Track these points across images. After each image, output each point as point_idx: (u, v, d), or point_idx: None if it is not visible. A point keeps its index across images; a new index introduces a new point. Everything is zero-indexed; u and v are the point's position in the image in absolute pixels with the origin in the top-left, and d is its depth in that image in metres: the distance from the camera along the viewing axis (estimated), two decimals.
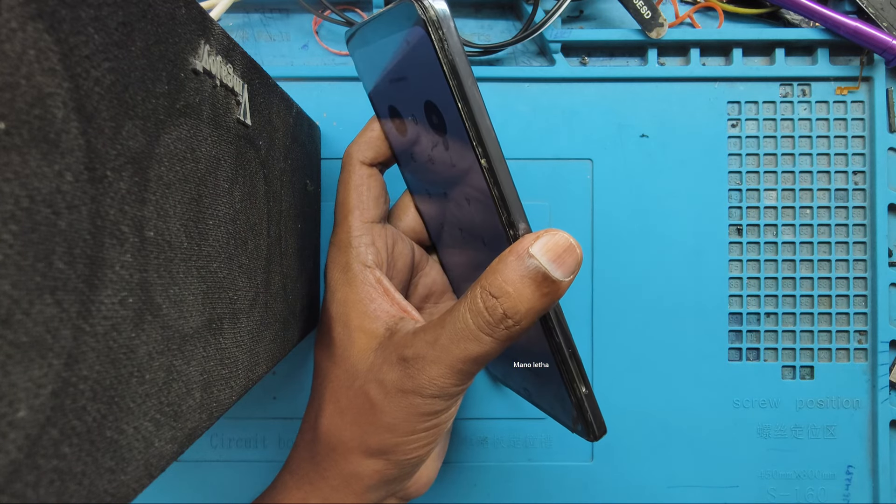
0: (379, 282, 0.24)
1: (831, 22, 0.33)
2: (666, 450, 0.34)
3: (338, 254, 0.25)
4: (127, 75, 0.13)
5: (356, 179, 0.25)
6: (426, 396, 0.21)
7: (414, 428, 0.22)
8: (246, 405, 0.34)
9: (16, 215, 0.10)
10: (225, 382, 0.19)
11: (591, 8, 0.35)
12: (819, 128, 0.34)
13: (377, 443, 0.23)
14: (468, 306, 0.20)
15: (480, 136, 0.19)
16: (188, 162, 0.16)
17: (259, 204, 0.22)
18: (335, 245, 0.26)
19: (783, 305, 0.34)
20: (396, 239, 0.26)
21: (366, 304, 0.24)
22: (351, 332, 0.24)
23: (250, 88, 0.21)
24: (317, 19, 0.35)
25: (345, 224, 0.25)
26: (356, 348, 0.24)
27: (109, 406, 0.13)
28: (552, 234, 0.19)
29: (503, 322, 0.20)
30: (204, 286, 0.17)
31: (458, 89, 0.19)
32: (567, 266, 0.19)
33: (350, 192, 0.25)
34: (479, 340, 0.20)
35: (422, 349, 0.21)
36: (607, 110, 0.34)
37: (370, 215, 0.25)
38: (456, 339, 0.20)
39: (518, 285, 0.19)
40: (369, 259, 0.24)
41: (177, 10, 0.15)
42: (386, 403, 0.22)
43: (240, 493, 0.34)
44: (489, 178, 0.20)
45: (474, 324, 0.20)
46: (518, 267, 0.19)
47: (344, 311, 0.24)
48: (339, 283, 0.25)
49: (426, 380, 0.21)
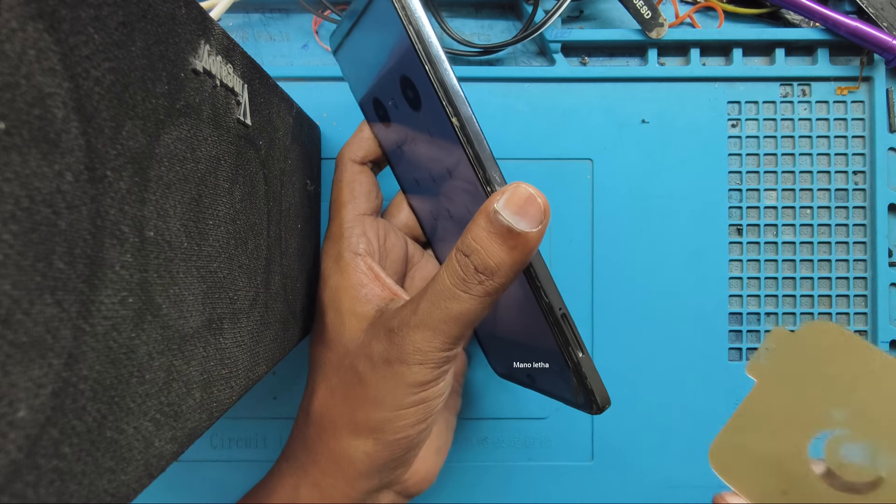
0: (370, 268, 0.25)
1: (831, 22, 0.33)
2: (666, 450, 0.34)
3: (330, 245, 0.26)
4: (127, 75, 0.13)
5: (348, 176, 0.27)
6: (411, 364, 0.22)
7: (401, 401, 0.22)
8: (246, 405, 0.34)
9: (16, 215, 0.10)
10: (225, 382, 0.19)
11: (591, 8, 0.35)
12: (819, 128, 0.34)
13: (364, 418, 0.23)
14: (444, 268, 0.21)
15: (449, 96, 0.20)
16: (188, 162, 0.16)
17: (259, 204, 0.22)
18: (328, 237, 0.27)
19: (783, 305, 0.34)
20: (388, 231, 0.27)
21: (357, 290, 0.25)
22: (343, 316, 0.25)
23: (250, 88, 0.21)
24: (317, 19, 0.35)
25: (337, 217, 0.26)
26: (347, 330, 0.24)
27: (109, 406, 0.13)
28: (514, 186, 0.20)
29: (476, 277, 0.20)
30: (204, 286, 0.17)
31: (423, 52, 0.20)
32: (531, 217, 0.19)
33: (342, 188, 0.27)
34: (457, 298, 0.21)
35: (405, 317, 0.22)
36: (607, 110, 0.34)
37: (361, 208, 0.26)
38: (436, 301, 0.21)
39: (485, 241, 0.20)
40: (360, 248, 0.25)
41: (177, 10, 0.15)
42: (372, 376, 0.23)
43: (240, 493, 0.34)
44: (462, 138, 0.20)
45: (451, 282, 0.21)
46: (485, 224, 0.20)
47: (336, 296, 0.25)
48: (332, 271, 0.26)
49: (410, 346, 0.21)
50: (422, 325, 0.21)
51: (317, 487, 0.24)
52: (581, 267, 0.34)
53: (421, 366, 0.22)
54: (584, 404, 0.22)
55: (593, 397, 0.21)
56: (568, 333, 0.21)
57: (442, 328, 0.21)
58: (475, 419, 0.34)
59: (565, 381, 0.23)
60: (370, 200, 0.27)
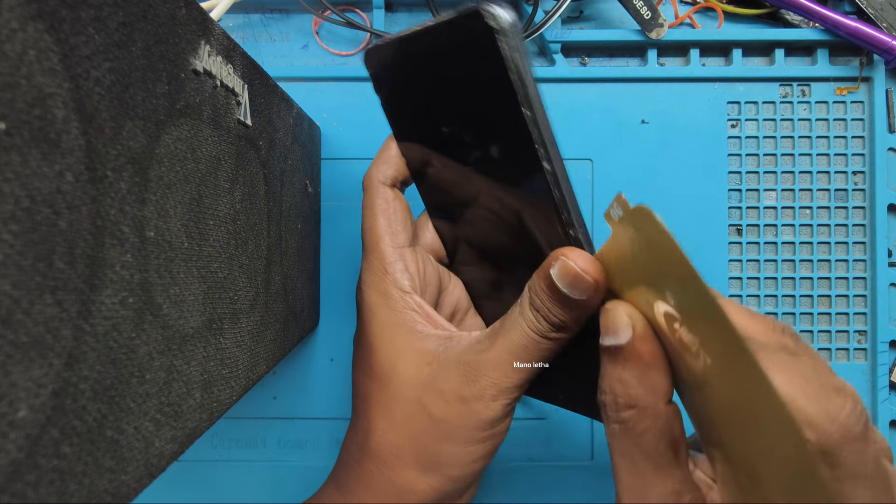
0: (420, 307, 0.25)
1: (831, 22, 0.33)
2: None
3: (374, 279, 0.25)
4: (127, 75, 0.13)
5: (381, 203, 0.25)
6: (487, 400, 0.22)
7: (473, 437, 0.22)
8: (246, 405, 0.34)
9: (16, 215, 0.10)
10: (225, 382, 0.19)
11: (591, 8, 0.35)
12: (819, 128, 0.34)
13: (435, 455, 0.23)
14: (518, 310, 0.21)
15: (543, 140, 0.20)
16: (188, 162, 0.16)
17: (259, 204, 0.22)
18: (370, 271, 0.25)
19: (783, 305, 0.34)
20: (426, 261, 0.27)
21: (413, 325, 0.24)
22: (400, 352, 0.24)
23: (250, 89, 0.21)
24: (317, 20, 0.35)
25: (377, 251, 0.25)
26: (408, 366, 0.24)
27: (110, 406, 0.13)
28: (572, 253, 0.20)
29: (545, 321, 0.21)
30: (204, 286, 0.17)
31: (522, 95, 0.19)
32: (582, 289, 0.20)
33: (377, 216, 0.25)
34: (527, 335, 0.21)
35: (481, 351, 0.22)
36: (607, 110, 0.34)
37: (400, 240, 0.25)
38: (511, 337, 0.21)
39: (544, 294, 0.20)
40: (406, 285, 0.25)
41: (177, 10, 0.15)
42: (445, 412, 0.22)
43: (240, 493, 0.34)
44: (550, 180, 0.20)
45: (523, 318, 0.21)
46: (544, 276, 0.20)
47: (390, 332, 0.24)
48: (380, 305, 0.25)
49: (487, 381, 0.22)
50: (498, 362, 0.21)
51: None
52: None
53: (495, 402, 0.22)
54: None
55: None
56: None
57: (513, 369, 0.21)
58: None
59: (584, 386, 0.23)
60: (407, 230, 0.26)
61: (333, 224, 0.34)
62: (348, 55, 0.35)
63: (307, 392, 0.34)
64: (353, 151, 0.34)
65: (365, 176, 0.26)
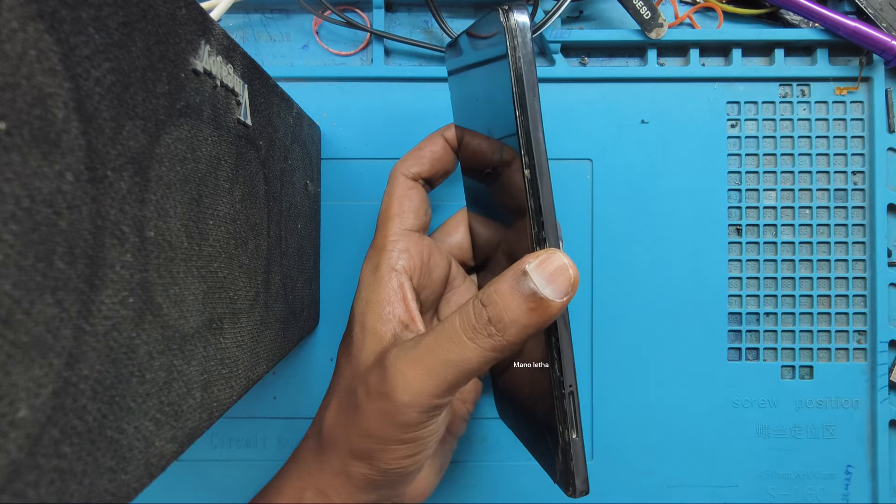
0: (401, 286, 0.25)
1: (830, 22, 0.33)
2: (666, 450, 0.34)
3: (372, 254, 0.26)
4: (127, 75, 0.13)
5: (398, 190, 0.27)
6: (398, 404, 0.21)
7: (390, 437, 0.22)
8: (246, 405, 0.34)
9: (16, 215, 0.10)
10: (225, 382, 0.19)
11: (591, 8, 0.35)
12: (818, 128, 0.34)
13: (358, 446, 0.23)
14: (458, 311, 0.21)
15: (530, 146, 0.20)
16: (188, 162, 0.16)
17: (259, 204, 0.22)
18: (372, 247, 0.27)
19: (782, 305, 0.34)
20: (433, 250, 0.27)
21: (382, 306, 0.25)
22: (365, 333, 0.25)
23: (250, 89, 0.21)
24: (317, 20, 0.35)
25: (383, 229, 0.26)
26: (365, 349, 0.24)
27: (110, 406, 0.13)
28: (550, 253, 0.20)
29: (486, 328, 0.20)
30: (204, 286, 0.17)
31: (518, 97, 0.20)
32: (558, 286, 0.19)
33: (392, 201, 0.27)
34: (461, 344, 0.20)
35: (405, 349, 0.22)
36: (607, 110, 0.34)
37: (408, 223, 0.26)
38: (440, 341, 0.20)
39: (507, 296, 0.20)
40: (399, 264, 0.25)
41: (177, 10, 0.15)
42: (366, 406, 0.22)
43: (240, 492, 0.34)
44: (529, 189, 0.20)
45: (460, 326, 0.20)
46: (511, 280, 0.20)
47: (364, 310, 0.25)
48: (367, 283, 0.26)
49: (401, 381, 0.21)
50: (418, 362, 0.21)
51: (321, 494, 0.24)
52: (581, 267, 0.34)
53: (409, 408, 0.21)
54: (561, 482, 0.21)
55: (572, 481, 0.21)
56: (569, 411, 0.21)
57: (437, 371, 0.20)
58: (475, 419, 0.34)
59: (550, 454, 0.22)
60: (418, 217, 0.27)
61: (333, 224, 0.34)
62: (348, 55, 0.35)
63: (307, 392, 0.34)
64: (353, 151, 0.34)
65: (392, 169, 0.28)
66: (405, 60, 0.35)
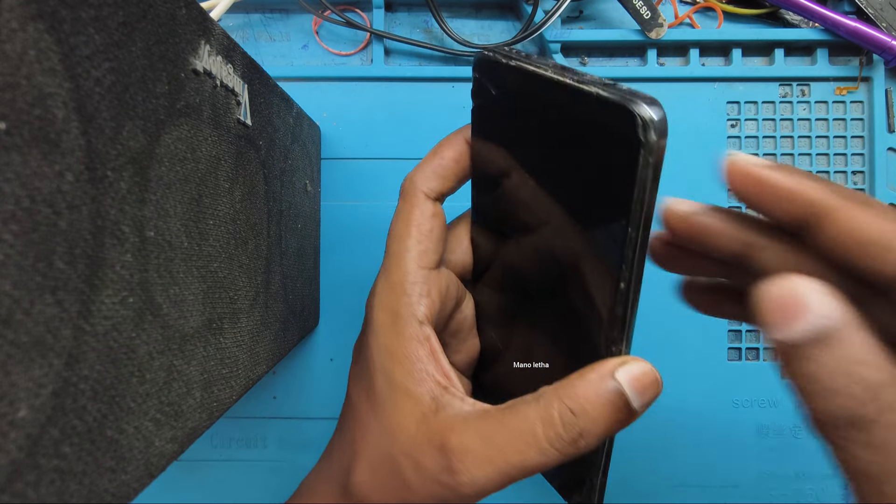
0: (427, 339, 0.22)
1: (830, 22, 0.33)
2: (666, 450, 0.34)
3: (389, 294, 0.23)
4: (127, 75, 0.13)
5: (418, 216, 0.23)
6: (463, 495, 0.20)
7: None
8: (246, 405, 0.34)
9: (16, 215, 0.10)
10: (225, 382, 0.19)
11: (591, 8, 0.35)
12: (818, 128, 0.34)
13: None
14: (540, 415, 0.19)
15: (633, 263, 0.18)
16: (188, 162, 0.16)
17: (259, 204, 0.22)
18: (387, 283, 0.23)
19: None
20: (450, 283, 0.25)
21: (412, 363, 0.22)
22: (395, 390, 0.22)
23: (250, 89, 0.21)
24: (317, 19, 0.35)
25: (401, 264, 0.23)
26: (398, 410, 0.22)
27: (110, 406, 0.13)
28: (639, 363, 0.19)
29: (576, 441, 0.19)
30: (204, 286, 0.17)
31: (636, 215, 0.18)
32: (647, 397, 0.19)
33: (411, 229, 0.23)
34: (543, 452, 0.19)
35: (472, 442, 0.20)
36: None
37: (430, 260, 0.23)
38: (516, 444, 0.19)
39: (598, 407, 0.19)
40: (421, 312, 0.22)
41: (177, 10, 0.15)
42: (419, 487, 0.21)
43: (240, 492, 0.34)
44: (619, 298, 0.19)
45: (544, 435, 0.19)
46: (600, 388, 0.19)
47: (388, 362, 0.22)
48: (386, 327, 0.23)
49: (468, 479, 0.20)
50: (490, 462, 0.19)
51: None
52: None
53: (470, 498, 0.20)
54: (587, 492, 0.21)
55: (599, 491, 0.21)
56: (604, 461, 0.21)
57: (510, 473, 0.19)
58: None
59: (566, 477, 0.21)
60: (439, 251, 0.23)
61: (333, 224, 0.34)
62: (348, 55, 0.35)
63: (307, 392, 0.34)
64: (353, 151, 0.34)
65: (406, 179, 0.24)
66: (405, 60, 0.35)
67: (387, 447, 0.22)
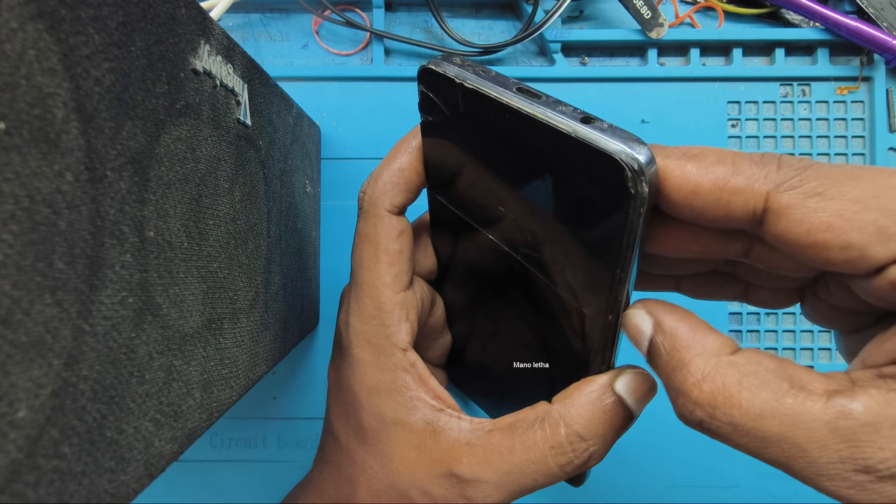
0: (413, 366, 0.22)
1: (831, 22, 0.33)
2: (666, 450, 0.34)
3: (366, 327, 0.22)
4: (127, 75, 0.13)
5: (385, 239, 0.21)
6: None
7: None
8: (246, 405, 0.34)
9: (16, 215, 0.10)
10: (225, 382, 0.19)
11: (591, 8, 0.35)
12: (819, 128, 0.34)
13: None
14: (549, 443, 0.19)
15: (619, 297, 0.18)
16: (188, 162, 0.16)
17: (259, 204, 0.22)
18: (361, 317, 0.22)
19: None
20: (423, 296, 0.24)
21: (402, 393, 0.21)
22: (386, 425, 0.21)
23: (250, 88, 0.21)
24: (317, 19, 0.35)
25: (374, 294, 0.21)
26: (395, 443, 0.21)
27: (109, 406, 0.13)
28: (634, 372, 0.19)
29: (587, 463, 0.19)
30: (204, 286, 0.17)
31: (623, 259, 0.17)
32: (646, 402, 0.20)
33: (380, 254, 0.21)
34: (555, 476, 0.19)
35: (481, 471, 0.20)
36: (607, 110, 0.34)
37: (403, 283, 0.21)
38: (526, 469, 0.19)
39: (605, 423, 0.19)
40: (403, 340, 0.21)
41: (177, 10, 0.15)
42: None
43: (240, 493, 0.34)
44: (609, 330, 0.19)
45: (555, 462, 0.19)
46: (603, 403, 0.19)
47: (376, 400, 0.21)
48: (368, 364, 0.22)
49: None
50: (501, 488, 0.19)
51: None
52: None
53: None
54: None
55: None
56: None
57: (522, 493, 0.20)
58: None
59: None
60: (410, 271, 0.22)
61: (333, 224, 0.34)
62: (348, 55, 0.35)
63: (307, 392, 0.34)
64: (353, 151, 0.34)
65: (365, 196, 0.22)
66: (405, 60, 0.35)
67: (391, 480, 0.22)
